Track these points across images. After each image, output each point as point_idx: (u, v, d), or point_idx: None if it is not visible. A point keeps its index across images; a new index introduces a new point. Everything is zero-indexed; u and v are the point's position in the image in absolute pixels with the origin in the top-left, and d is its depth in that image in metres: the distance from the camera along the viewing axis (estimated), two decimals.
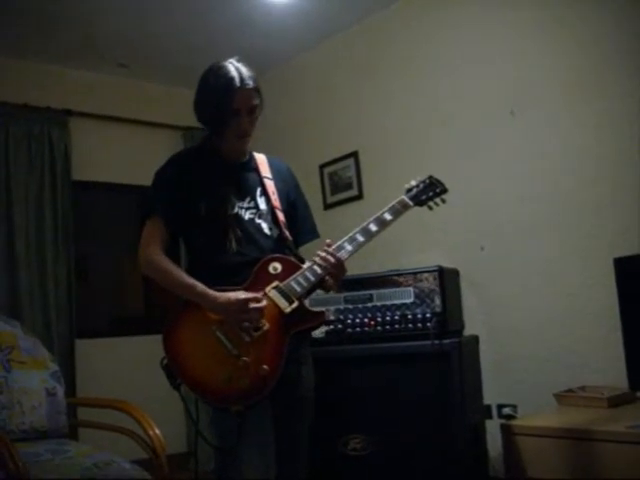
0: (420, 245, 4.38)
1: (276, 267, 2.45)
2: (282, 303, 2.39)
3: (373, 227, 2.54)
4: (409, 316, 3.61)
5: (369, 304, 3.74)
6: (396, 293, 3.67)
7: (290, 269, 2.45)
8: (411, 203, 2.65)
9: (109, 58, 5.22)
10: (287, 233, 2.59)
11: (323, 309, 3.02)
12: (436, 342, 3.43)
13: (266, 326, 2.34)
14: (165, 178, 2.55)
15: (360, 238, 2.53)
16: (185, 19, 4.73)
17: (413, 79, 4.63)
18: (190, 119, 2.71)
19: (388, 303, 3.69)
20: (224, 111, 2.51)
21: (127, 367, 4.97)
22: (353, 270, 3.88)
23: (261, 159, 2.72)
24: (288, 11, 4.66)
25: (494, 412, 3.96)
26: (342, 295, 3.82)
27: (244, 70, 2.62)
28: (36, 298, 4.83)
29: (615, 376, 3.26)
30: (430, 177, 2.76)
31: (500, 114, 4.08)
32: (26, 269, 4.82)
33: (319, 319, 2.52)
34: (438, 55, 4.48)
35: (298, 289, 2.42)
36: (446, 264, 3.75)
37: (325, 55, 5.30)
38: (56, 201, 5.04)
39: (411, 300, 3.62)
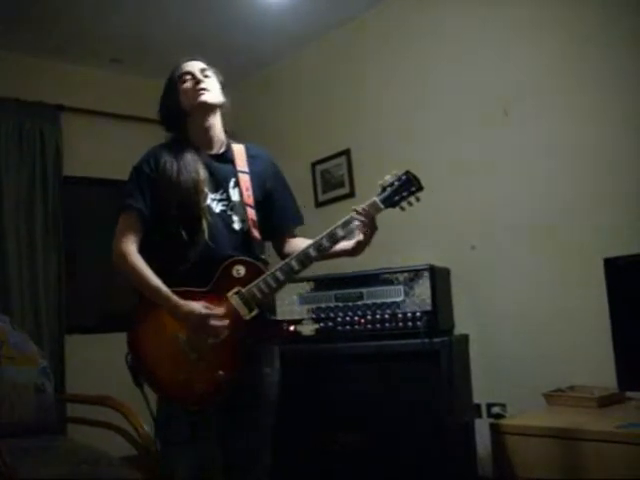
0: (411, 243, 4.37)
1: (239, 270, 2.46)
2: (243, 310, 2.41)
3: (325, 242, 2.45)
4: (399, 314, 3.61)
5: (359, 302, 3.74)
6: (387, 291, 3.67)
7: (253, 273, 2.45)
8: (382, 206, 2.51)
9: (102, 53, 5.20)
10: (256, 232, 2.58)
11: (282, 319, 3.03)
12: (426, 340, 3.43)
13: (225, 333, 2.37)
14: (141, 172, 2.55)
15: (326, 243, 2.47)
16: (179, 15, 4.71)
17: (405, 78, 4.63)
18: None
19: (378, 301, 3.68)
20: (176, 80, 2.64)
21: (117, 363, 4.87)
22: (343, 268, 3.90)
23: (239, 151, 2.71)
24: (281, 10, 4.66)
25: (483, 411, 3.97)
26: (332, 293, 3.82)
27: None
28: (26, 293, 4.81)
29: (604, 376, 3.27)
30: (407, 172, 2.59)
31: (493, 114, 4.08)
32: (16, 264, 4.80)
33: (278, 329, 2.60)
34: (430, 54, 4.48)
35: (259, 296, 2.42)
36: (437, 263, 3.75)
37: (318, 54, 5.30)
38: (47, 196, 5.02)
39: (401, 298, 3.62)
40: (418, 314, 3.55)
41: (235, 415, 2.52)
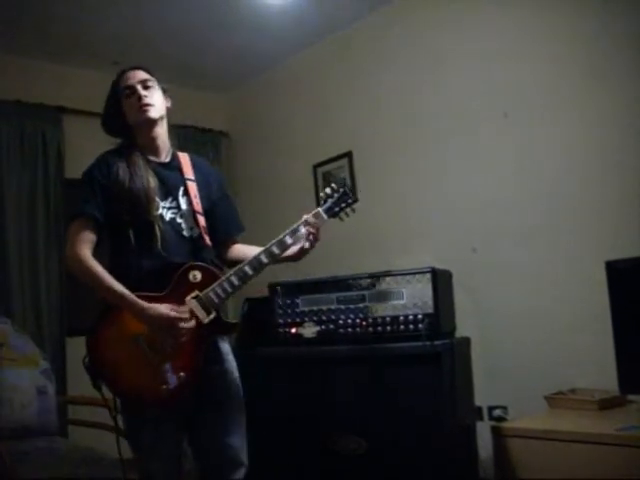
0: (413, 246, 4.38)
1: (196, 275, 2.53)
2: (201, 314, 2.49)
3: (275, 249, 2.62)
4: (401, 317, 3.60)
5: (361, 304, 3.73)
6: (388, 294, 3.66)
7: (209, 278, 2.54)
8: (325, 217, 2.72)
9: (103, 56, 5.20)
10: (207, 239, 2.67)
11: (237, 321, 3.09)
12: (428, 343, 3.42)
13: (184, 337, 2.43)
14: (93, 178, 2.58)
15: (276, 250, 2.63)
16: (180, 18, 4.71)
17: (406, 81, 4.63)
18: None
19: (380, 304, 3.68)
20: (119, 94, 2.66)
21: None
22: (345, 271, 3.90)
23: (184, 159, 2.78)
24: (283, 12, 4.66)
25: (485, 414, 3.96)
26: (334, 295, 3.82)
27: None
28: (27, 295, 4.81)
29: (606, 379, 3.26)
30: (344, 185, 2.80)
31: (494, 116, 4.08)
32: (18, 266, 4.79)
33: (233, 330, 2.71)
34: (431, 57, 4.47)
35: (216, 300, 2.51)
36: (439, 265, 3.75)
37: (320, 56, 5.30)
38: (49, 199, 5.02)
39: (403, 301, 3.61)
40: (420, 317, 3.55)
41: (204, 415, 2.57)
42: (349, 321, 3.77)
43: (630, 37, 3.51)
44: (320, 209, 2.71)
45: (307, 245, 2.68)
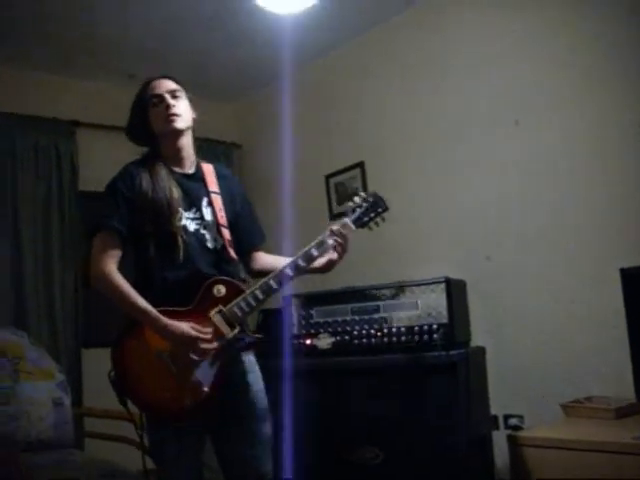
0: (427, 256, 4.37)
1: (220, 290, 2.51)
2: (225, 329, 2.47)
3: (301, 262, 2.59)
4: (416, 327, 3.60)
5: (376, 315, 3.74)
6: (403, 304, 3.67)
7: (233, 292, 2.52)
8: (354, 227, 2.67)
9: (117, 69, 5.24)
10: (232, 252, 2.64)
11: (261, 335, 3.10)
12: (443, 353, 3.43)
13: (211, 353, 2.43)
14: (116, 190, 2.57)
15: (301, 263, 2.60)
16: (191, 31, 4.75)
17: (419, 90, 4.64)
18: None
19: (395, 314, 3.68)
20: (146, 102, 2.64)
21: None
22: (359, 281, 3.90)
23: (209, 170, 2.75)
24: (292, 23, 4.67)
25: (501, 423, 3.95)
26: (349, 306, 3.83)
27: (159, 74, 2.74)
28: (43, 308, 4.83)
29: (622, 387, 3.25)
30: (374, 195, 2.76)
31: (505, 124, 4.08)
32: (33, 279, 4.82)
33: (257, 344, 2.63)
34: (442, 65, 4.48)
35: (240, 314, 2.49)
36: (453, 275, 3.75)
37: (332, 66, 5.31)
38: (63, 212, 5.05)
39: (418, 311, 3.62)
40: (435, 327, 3.55)
41: (228, 429, 2.56)
42: (364, 332, 3.77)
43: (636, 42, 3.51)
44: (347, 219, 2.66)
45: (335, 257, 2.64)
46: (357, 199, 2.72)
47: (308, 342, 3.91)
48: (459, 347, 3.55)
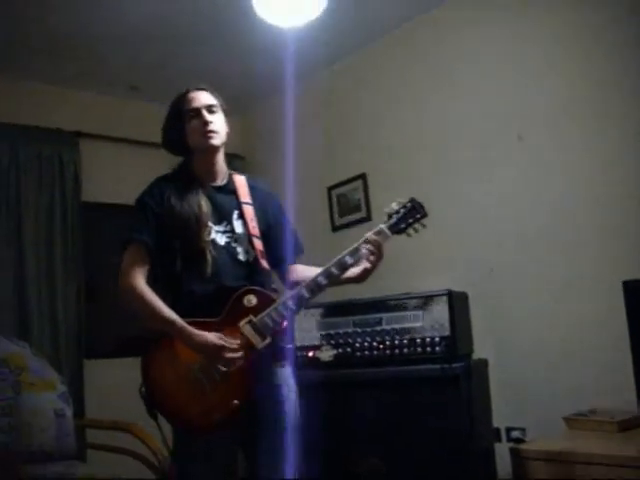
0: (429, 268, 4.38)
1: (251, 300, 2.49)
2: (255, 339, 2.45)
3: (334, 270, 2.54)
4: (418, 340, 3.60)
5: (378, 327, 3.74)
6: (405, 317, 3.67)
7: (264, 302, 2.50)
8: (389, 233, 2.61)
9: (119, 80, 5.26)
10: (264, 262, 2.63)
11: (295, 345, 3.09)
12: (445, 366, 3.43)
13: (239, 363, 2.41)
14: (145, 205, 2.58)
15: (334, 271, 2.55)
16: (194, 43, 4.77)
17: (421, 102, 4.66)
18: None
19: (397, 326, 3.69)
20: (183, 115, 2.62)
21: (136, 388, 4.92)
22: (361, 294, 3.90)
23: (241, 182, 2.75)
24: (295, 36, 4.68)
25: (503, 435, 3.94)
26: (351, 318, 3.83)
27: (196, 84, 2.73)
28: (45, 319, 4.83)
29: (625, 399, 3.24)
30: (412, 200, 2.67)
31: (507, 138, 4.09)
32: (36, 290, 4.82)
33: (290, 354, 2.61)
34: (446, 79, 4.50)
35: (271, 325, 2.46)
36: (455, 287, 3.75)
37: (333, 78, 5.34)
38: (66, 222, 5.05)
39: (420, 324, 3.62)
40: (437, 339, 3.55)
41: (255, 440, 2.53)
42: (366, 344, 3.77)
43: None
44: (383, 226, 2.59)
45: (369, 265, 2.57)
46: (394, 205, 2.65)
47: (310, 354, 3.90)
48: (461, 360, 3.55)
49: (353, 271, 2.59)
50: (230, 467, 2.55)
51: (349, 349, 3.81)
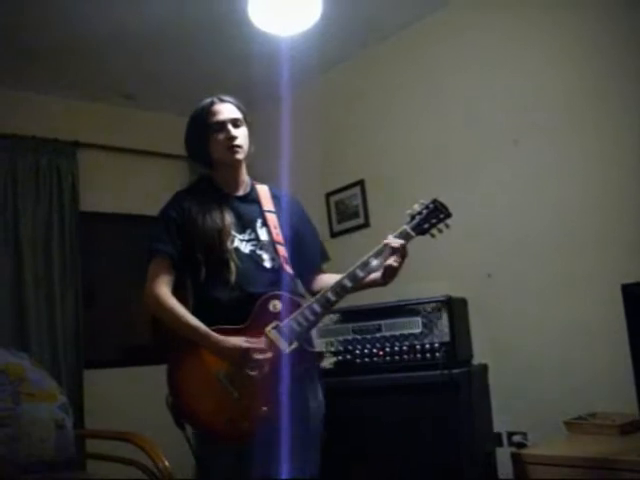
0: (428, 274, 4.36)
1: (276, 305, 2.49)
2: (282, 344, 2.43)
3: (360, 272, 2.52)
4: (417, 346, 3.60)
5: (377, 334, 3.74)
6: (404, 323, 3.67)
7: (290, 307, 2.49)
8: (413, 234, 2.59)
9: (116, 90, 5.26)
10: (289, 268, 2.62)
11: (322, 350, 3.06)
12: (445, 372, 3.42)
13: (267, 366, 2.39)
14: (168, 217, 2.60)
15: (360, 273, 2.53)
16: (191, 51, 4.78)
17: (418, 108, 4.66)
18: None
19: (396, 333, 3.68)
20: (207, 127, 2.62)
21: (136, 397, 4.92)
22: (361, 300, 3.89)
23: (263, 191, 2.77)
24: (292, 44, 4.69)
25: (504, 440, 3.93)
26: (350, 325, 3.82)
27: (221, 95, 2.72)
28: (44, 329, 4.82)
29: (626, 403, 3.23)
30: (435, 201, 2.68)
31: (503, 143, 4.10)
32: (34, 300, 4.81)
33: (319, 359, 2.63)
34: (442, 85, 4.50)
35: (298, 329, 2.45)
36: (454, 293, 3.75)
37: (331, 85, 5.34)
38: (64, 232, 5.05)
39: (419, 330, 3.62)
40: (436, 345, 3.55)
41: (281, 450, 2.49)
42: (366, 351, 3.77)
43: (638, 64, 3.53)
44: (406, 226, 2.58)
45: (395, 264, 2.53)
46: (416, 206, 2.64)
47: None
48: (461, 365, 3.55)
49: (378, 273, 2.58)
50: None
51: (349, 356, 3.81)
